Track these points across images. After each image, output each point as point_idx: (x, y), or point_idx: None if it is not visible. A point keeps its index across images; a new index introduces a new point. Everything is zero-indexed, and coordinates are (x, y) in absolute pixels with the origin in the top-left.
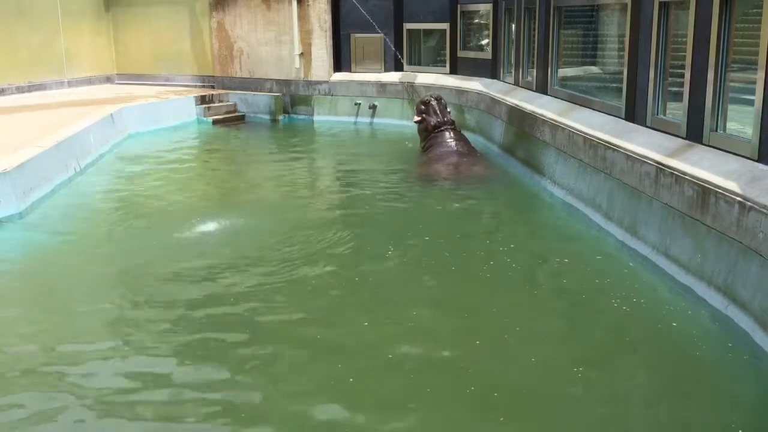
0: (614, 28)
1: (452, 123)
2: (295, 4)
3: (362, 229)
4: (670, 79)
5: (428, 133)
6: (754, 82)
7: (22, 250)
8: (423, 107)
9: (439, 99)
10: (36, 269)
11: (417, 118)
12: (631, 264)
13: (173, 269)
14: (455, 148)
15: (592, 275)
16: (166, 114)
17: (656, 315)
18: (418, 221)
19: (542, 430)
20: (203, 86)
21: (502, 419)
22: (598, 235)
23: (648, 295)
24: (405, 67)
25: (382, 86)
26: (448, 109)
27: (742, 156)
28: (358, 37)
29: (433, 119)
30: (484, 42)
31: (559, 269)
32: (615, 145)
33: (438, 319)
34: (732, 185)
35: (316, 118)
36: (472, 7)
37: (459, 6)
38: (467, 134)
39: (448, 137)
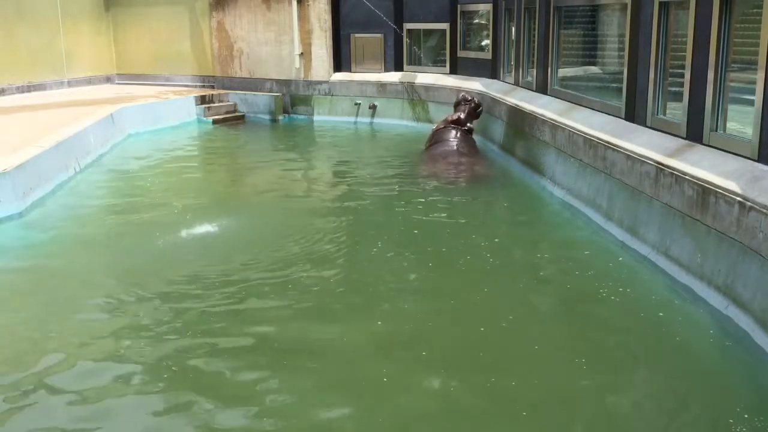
0: (614, 28)
1: (470, 130)
2: (295, 4)
3: (362, 228)
4: (670, 79)
5: (445, 123)
6: (754, 82)
7: (22, 249)
8: (461, 101)
9: (478, 105)
10: (36, 269)
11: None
12: (631, 264)
13: (173, 269)
14: (455, 148)
15: (591, 275)
16: (166, 114)
17: (656, 315)
18: (417, 221)
19: (550, 420)
20: (203, 86)
21: (514, 404)
22: (598, 234)
23: (648, 294)
24: (405, 67)
25: (382, 86)
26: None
27: (742, 156)
28: (358, 37)
29: (456, 114)
30: (484, 42)
31: (558, 269)
32: (615, 145)
33: (439, 313)
34: (732, 185)
35: (316, 118)
36: (472, 7)
37: (459, 6)
38: None
39: (452, 137)
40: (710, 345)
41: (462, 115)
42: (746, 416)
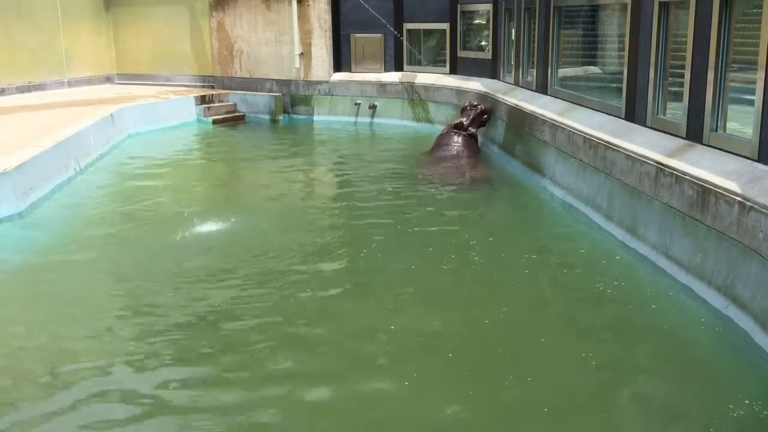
0: (614, 28)
1: (473, 136)
2: (295, 4)
3: (358, 229)
4: (670, 79)
5: (447, 128)
6: (754, 82)
7: (21, 250)
8: (467, 107)
9: (484, 111)
10: (35, 269)
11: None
12: (631, 264)
13: (173, 270)
14: (455, 152)
15: (592, 275)
16: (166, 114)
17: (656, 315)
18: (414, 221)
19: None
20: (203, 86)
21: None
22: (598, 235)
23: (648, 294)
24: (405, 67)
25: (382, 86)
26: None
27: (742, 156)
28: (358, 37)
29: (459, 119)
30: (484, 42)
31: (558, 269)
32: (615, 145)
33: (437, 312)
34: (732, 185)
35: (316, 118)
36: (472, 7)
37: (459, 6)
38: None
39: (453, 141)
40: (710, 345)
41: (465, 120)
42: (746, 415)
